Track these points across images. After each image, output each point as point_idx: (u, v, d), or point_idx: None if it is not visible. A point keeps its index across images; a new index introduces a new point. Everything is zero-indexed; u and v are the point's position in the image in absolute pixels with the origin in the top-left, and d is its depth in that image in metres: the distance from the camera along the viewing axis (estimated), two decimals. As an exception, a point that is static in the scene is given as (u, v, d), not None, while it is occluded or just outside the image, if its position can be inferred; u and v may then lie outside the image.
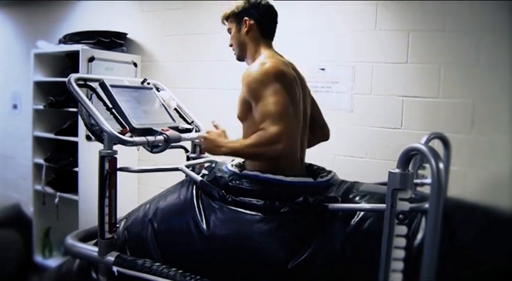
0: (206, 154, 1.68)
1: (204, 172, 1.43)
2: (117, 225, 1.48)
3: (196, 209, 1.30)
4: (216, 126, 1.44)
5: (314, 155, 1.53)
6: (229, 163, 1.40)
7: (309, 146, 1.50)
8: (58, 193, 3.12)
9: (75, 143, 2.89)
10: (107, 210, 1.42)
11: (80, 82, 1.53)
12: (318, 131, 1.51)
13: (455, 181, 1.41)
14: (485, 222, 1.12)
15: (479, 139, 2.00)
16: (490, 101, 1.99)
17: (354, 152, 2.29)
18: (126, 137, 1.40)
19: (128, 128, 1.46)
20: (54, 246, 3.49)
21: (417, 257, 0.97)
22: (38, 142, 3.22)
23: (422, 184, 1.35)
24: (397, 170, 0.98)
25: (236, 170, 1.32)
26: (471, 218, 1.11)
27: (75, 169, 2.91)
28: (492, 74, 1.98)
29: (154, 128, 1.49)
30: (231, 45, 1.49)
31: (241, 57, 1.48)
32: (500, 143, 1.97)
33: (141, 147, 1.51)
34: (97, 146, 1.48)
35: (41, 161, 3.19)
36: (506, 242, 1.07)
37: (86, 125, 1.60)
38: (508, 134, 1.94)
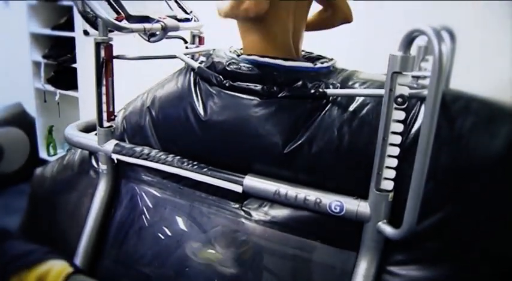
0: (205, 45, 1.65)
1: (202, 58, 1.40)
2: (115, 114, 1.48)
3: (194, 96, 1.29)
4: None
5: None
6: (228, 49, 1.36)
7: (329, 26, 1.47)
8: (58, 91, 3.11)
9: (73, 39, 2.83)
10: (104, 98, 1.41)
11: (71, -33, 1.45)
12: (337, 10, 1.45)
13: (458, 77, 1.39)
14: (484, 112, 1.10)
15: (487, 37, 1.95)
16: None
17: (354, 59, 2.23)
18: (122, 24, 1.36)
19: (123, 15, 1.41)
20: (58, 144, 3.56)
21: (413, 145, 0.98)
22: (35, 38, 3.15)
23: (424, 77, 1.32)
24: (398, 53, 0.96)
25: (234, 55, 1.29)
26: (471, 107, 1.09)
27: (74, 65, 2.88)
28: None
29: (151, 16, 1.44)
30: None
31: None
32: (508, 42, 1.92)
33: (138, 36, 1.48)
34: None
35: (39, 58, 3.15)
36: (505, 132, 1.07)
37: (80, 13, 1.54)
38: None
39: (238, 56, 1.29)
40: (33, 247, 1.03)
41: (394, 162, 1.02)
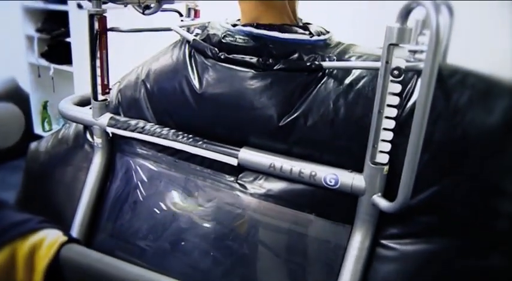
0: (201, 18, 1.63)
1: (197, 31, 1.38)
2: (110, 88, 1.47)
3: (189, 68, 1.28)
4: None
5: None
6: (223, 21, 1.34)
7: None
8: (52, 65, 3.08)
9: (67, 13, 2.79)
10: (98, 71, 1.40)
11: None
12: None
13: (456, 53, 1.38)
14: (481, 87, 1.10)
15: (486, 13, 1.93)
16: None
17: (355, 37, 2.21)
18: (116, -5, 1.34)
19: (117, -14, 1.39)
20: (53, 119, 3.55)
21: (409, 118, 0.98)
22: (27, 12, 3.10)
23: (421, 51, 1.32)
24: (395, 25, 0.95)
25: (230, 26, 1.27)
26: (467, 82, 1.09)
27: (68, 40, 2.84)
28: None
29: (145, -13, 1.41)
30: None
31: None
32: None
33: (132, 9, 1.46)
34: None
35: (32, 32, 3.11)
36: (501, 107, 1.06)
37: (73, -16, 1.52)
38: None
39: (234, 26, 1.27)
40: (27, 217, 1.03)
41: (389, 135, 1.02)
